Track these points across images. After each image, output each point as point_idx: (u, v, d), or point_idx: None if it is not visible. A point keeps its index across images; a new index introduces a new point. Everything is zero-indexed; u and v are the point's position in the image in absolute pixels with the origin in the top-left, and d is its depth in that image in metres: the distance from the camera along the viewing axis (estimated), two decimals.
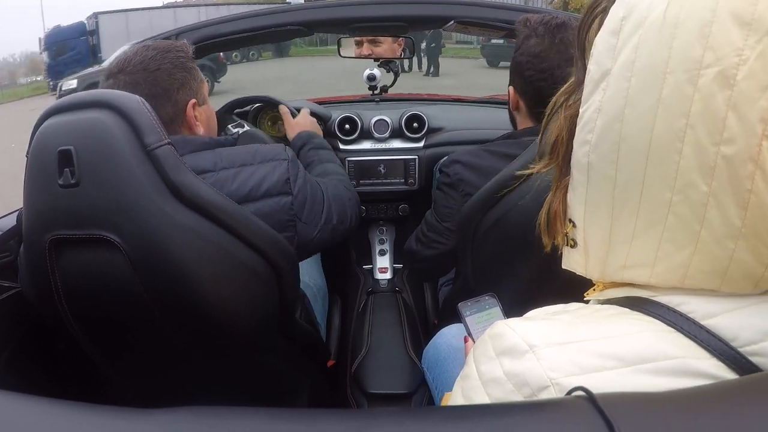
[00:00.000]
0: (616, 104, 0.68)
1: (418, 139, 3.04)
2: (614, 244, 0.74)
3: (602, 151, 0.70)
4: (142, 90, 1.42)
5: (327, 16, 2.53)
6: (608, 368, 0.64)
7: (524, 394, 0.66)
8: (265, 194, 1.46)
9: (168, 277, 1.26)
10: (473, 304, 1.44)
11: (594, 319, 0.74)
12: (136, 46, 1.51)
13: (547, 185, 1.57)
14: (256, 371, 1.65)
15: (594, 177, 0.73)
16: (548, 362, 0.66)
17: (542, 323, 0.74)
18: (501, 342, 0.73)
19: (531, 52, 1.77)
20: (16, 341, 1.56)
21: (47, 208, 1.25)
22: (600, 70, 0.70)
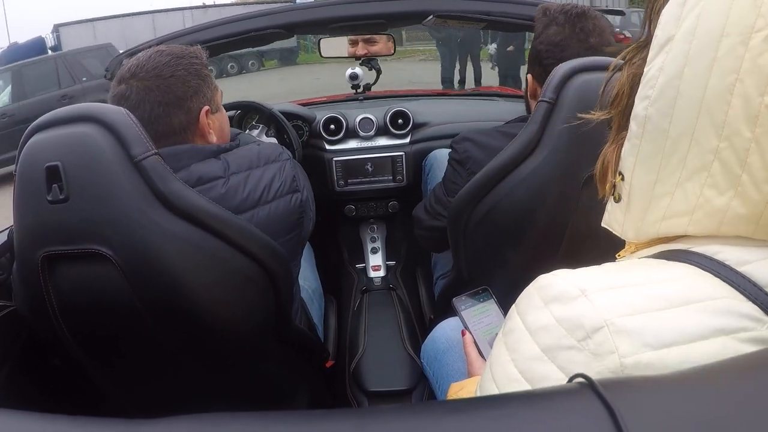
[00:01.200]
0: (677, 64, 0.73)
1: (403, 136, 3.04)
2: (656, 197, 0.78)
3: (660, 105, 0.75)
4: (155, 96, 1.42)
5: (305, 17, 2.53)
6: (658, 308, 0.67)
7: (577, 337, 0.68)
8: (277, 195, 1.47)
9: (162, 287, 1.25)
10: (467, 298, 1.45)
11: (637, 267, 0.77)
12: (149, 50, 1.50)
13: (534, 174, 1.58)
14: (255, 376, 1.65)
15: (649, 129, 0.77)
16: (602, 303, 0.68)
17: (588, 271, 0.77)
18: (549, 290, 0.75)
19: (551, 40, 1.79)
20: (13, 359, 1.55)
21: (37, 224, 1.25)
22: (665, 35, 0.75)
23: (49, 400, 1.61)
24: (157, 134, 1.42)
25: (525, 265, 1.69)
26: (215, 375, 1.55)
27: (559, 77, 1.54)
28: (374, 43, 3.27)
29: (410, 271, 3.32)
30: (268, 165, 1.50)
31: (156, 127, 1.42)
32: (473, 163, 1.84)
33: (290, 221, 1.51)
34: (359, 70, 3.34)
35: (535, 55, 1.82)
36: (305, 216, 1.57)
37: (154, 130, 1.40)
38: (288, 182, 1.50)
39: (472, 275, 1.89)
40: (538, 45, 1.81)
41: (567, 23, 1.78)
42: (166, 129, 1.44)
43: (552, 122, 1.55)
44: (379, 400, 2.30)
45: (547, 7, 1.86)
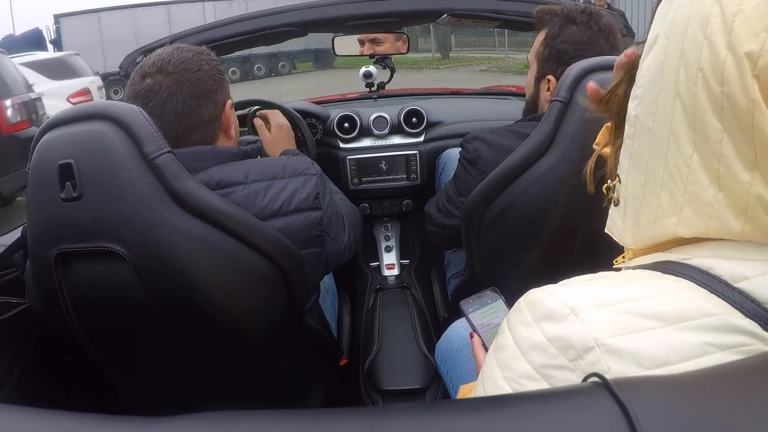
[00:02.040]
0: (659, 60, 0.73)
1: (417, 134, 3.05)
2: (646, 198, 0.78)
3: (646, 103, 0.75)
4: (187, 89, 1.43)
5: (319, 15, 2.53)
6: (650, 328, 0.66)
7: (569, 357, 0.68)
8: (296, 209, 1.46)
9: (175, 285, 1.26)
10: (475, 300, 1.44)
11: (629, 281, 0.76)
12: (167, 47, 1.51)
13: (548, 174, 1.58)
14: (268, 374, 1.65)
15: (638, 128, 0.78)
16: (592, 323, 0.67)
17: (579, 287, 0.76)
18: (539, 307, 0.74)
19: (577, 39, 1.80)
20: (27, 356, 1.56)
21: (51, 222, 1.25)
22: (653, 34, 0.75)
23: (62, 397, 1.61)
24: (189, 126, 1.45)
25: (539, 265, 1.69)
26: (228, 372, 1.55)
27: (573, 77, 1.54)
28: (380, 43, 3.27)
29: (424, 270, 3.31)
30: (293, 177, 1.49)
31: (189, 119, 1.44)
32: (484, 162, 1.84)
33: (307, 236, 1.49)
34: (373, 69, 3.34)
35: (557, 54, 1.82)
36: (326, 237, 1.55)
37: (186, 122, 1.43)
38: (311, 198, 1.49)
39: (486, 275, 1.88)
40: (561, 44, 1.81)
41: (591, 21, 1.79)
42: (197, 121, 1.46)
43: (565, 122, 1.55)
44: (393, 398, 2.29)
45: (551, 9, 1.87)
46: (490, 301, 1.44)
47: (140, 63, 1.48)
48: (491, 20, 2.54)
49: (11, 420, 0.64)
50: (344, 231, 1.68)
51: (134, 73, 1.46)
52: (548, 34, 1.85)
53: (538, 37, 1.92)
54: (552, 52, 1.83)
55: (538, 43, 1.90)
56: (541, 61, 1.87)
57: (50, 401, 1.54)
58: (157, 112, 1.40)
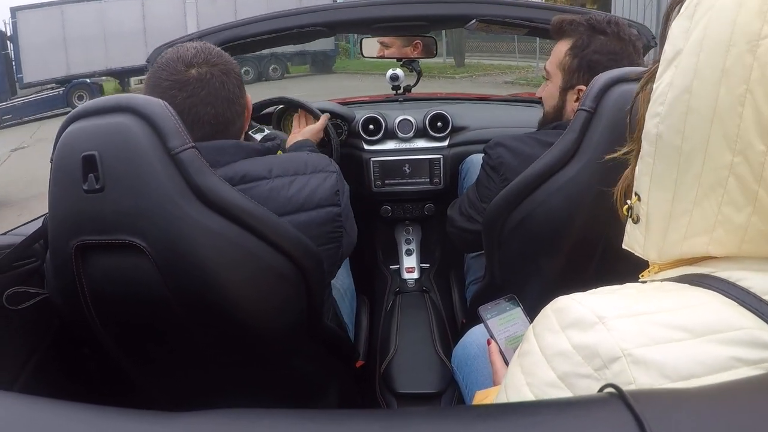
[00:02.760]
0: (686, 78, 0.72)
1: (442, 139, 3.05)
2: (675, 216, 0.77)
3: (671, 121, 0.74)
4: (233, 79, 1.50)
5: (348, 16, 2.54)
6: (678, 339, 0.65)
7: (594, 366, 0.67)
8: (318, 204, 1.48)
9: (194, 280, 1.26)
10: (493, 307, 1.45)
11: (658, 292, 0.75)
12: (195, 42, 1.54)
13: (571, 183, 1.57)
14: (285, 373, 1.65)
15: (661, 147, 0.77)
16: (619, 333, 0.67)
17: (608, 296, 0.75)
18: (566, 315, 0.73)
19: (608, 50, 1.81)
20: (45, 346, 1.57)
21: (72, 213, 1.26)
22: (674, 49, 0.75)
23: (78, 389, 1.62)
24: (236, 113, 1.51)
25: (559, 275, 1.69)
26: (245, 369, 1.56)
27: (599, 87, 1.54)
28: (387, 46, 3.26)
29: (444, 275, 3.31)
30: (315, 174, 1.51)
31: (236, 107, 1.50)
32: (506, 169, 1.84)
33: (326, 232, 1.51)
34: (400, 72, 3.35)
35: (588, 65, 1.82)
36: (344, 232, 1.57)
37: (235, 109, 1.50)
38: (331, 194, 1.51)
39: (505, 282, 1.88)
40: (592, 55, 1.82)
41: (620, 31, 1.81)
42: (241, 108, 1.53)
43: (591, 131, 1.54)
44: (408, 401, 2.30)
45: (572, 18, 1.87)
46: (508, 308, 1.44)
47: (168, 54, 1.49)
48: (520, 27, 2.54)
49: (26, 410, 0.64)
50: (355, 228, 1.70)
51: (168, 62, 1.46)
52: (575, 44, 1.85)
53: (558, 48, 1.92)
54: (583, 62, 1.83)
55: (561, 53, 1.90)
56: (569, 71, 1.87)
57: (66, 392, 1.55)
58: (210, 100, 1.44)
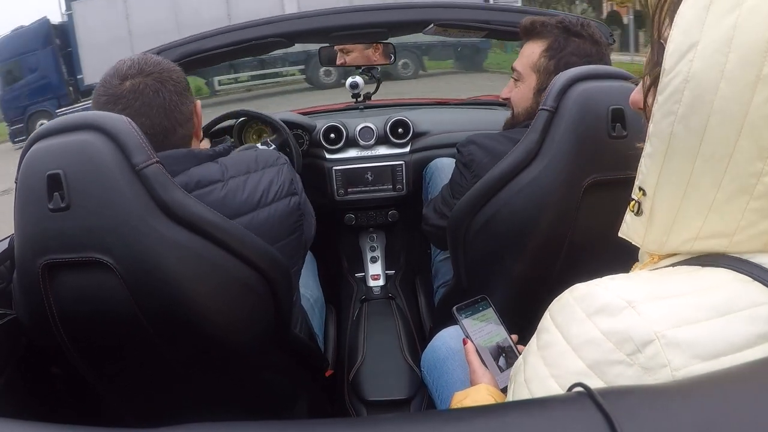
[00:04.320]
0: (710, 77, 0.70)
1: (403, 145, 3.06)
2: (684, 217, 0.77)
3: (690, 122, 0.72)
4: (171, 87, 1.47)
5: (307, 26, 2.53)
6: (705, 319, 0.66)
7: (626, 351, 0.67)
8: (275, 198, 1.48)
9: (163, 295, 1.25)
10: (467, 307, 1.46)
11: (675, 276, 0.76)
12: (133, 56, 1.53)
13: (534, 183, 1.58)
14: (255, 385, 1.65)
15: (676, 147, 0.75)
16: (650, 316, 0.67)
17: (630, 281, 0.75)
18: (592, 302, 0.73)
19: (584, 52, 1.83)
20: (12, 367, 1.55)
21: (38, 232, 1.24)
22: (688, 40, 0.72)
23: (48, 409, 1.60)
24: (176, 121, 1.48)
25: (525, 275, 1.69)
26: (215, 383, 1.55)
27: (560, 86, 1.55)
28: (348, 52, 3.26)
29: (409, 281, 3.32)
30: (266, 169, 1.51)
31: (175, 115, 1.47)
32: (477, 166, 1.85)
33: (289, 223, 1.52)
34: (359, 79, 3.35)
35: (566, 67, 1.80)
36: (304, 219, 1.58)
37: (173, 117, 1.47)
38: (286, 185, 1.52)
39: (472, 284, 1.89)
40: (569, 57, 1.83)
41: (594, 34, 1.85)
42: (182, 117, 1.50)
43: (552, 131, 1.55)
44: (377, 409, 2.29)
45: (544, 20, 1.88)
46: (481, 308, 1.46)
47: (108, 70, 1.49)
48: (478, 30, 2.55)
49: None
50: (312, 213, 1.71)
51: (106, 78, 1.47)
52: (551, 45, 1.86)
53: (531, 48, 1.93)
54: (560, 63, 1.84)
55: (535, 54, 1.90)
56: (545, 72, 1.88)
57: (35, 412, 1.53)
58: (145, 110, 1.42)
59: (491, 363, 1.35)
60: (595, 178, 1.48)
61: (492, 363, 1.35)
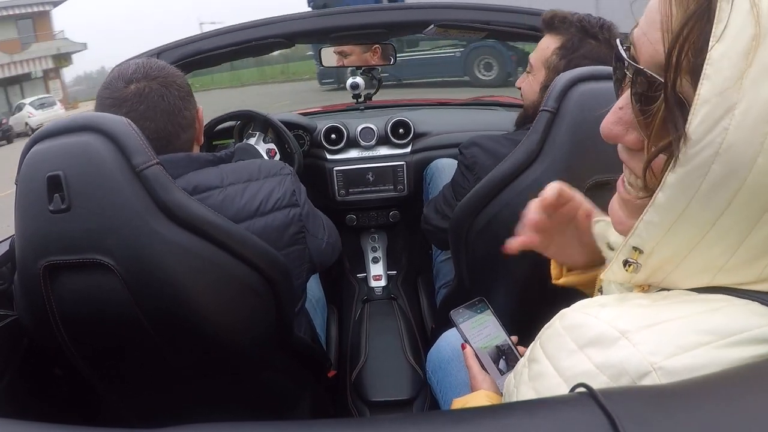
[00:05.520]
0: (747, 151, 0.58)
1: (404, 145, 3.06)
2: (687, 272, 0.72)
3: (714, 198, 0.63)
4: (174, 91, 1.48)
5: (307, 27, 2.53)
6: (705, 344, 0.62)
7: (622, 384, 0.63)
8: (274, 207, 1.48)
9: (163, 296, 1.25)
10: (465, 310, 1.44)
11: (670, 300, 0.71)
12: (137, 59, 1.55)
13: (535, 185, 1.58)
14: (257, 386, 1.64)
15: (688, 218, 0.66)
16: (645, 346, 0.63)
17: (620, 308, 0.71)
18: (583, 332, 0.69)
19: (596, 56, 1.81)
20: (14, 368, 1.55)
21: (39, 234, 1.24)
22: (724, 102, 0.58)
23: (50, 409, 1.60)
24: (179, 126, 1.48)
25: (527, 276, 1.69)
26: (216, 383, 1.55)
27: (561, 87, 1.55)
28: (347, 55, 3.26)
29: (411, 281, 3.32)
30: (268, 178, 1.51)
31: (178, 119, 1.47)
32: (480, 168, 1.85)
33: (288, 235, 1.51)
34: (360, 80, 3.35)
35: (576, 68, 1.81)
36: (307, 233, 1.57)
37: (177, 122, 1.47)
38: (287, 196, 1.51)
39: (474, 285, 1.89)
40: (581, 60, 1.81)
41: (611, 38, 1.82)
42: (186, 122, 1.50)
43: (554, 132, 1.55)
44: (380, 409, 2.29)
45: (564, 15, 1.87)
46: (479, 311, 1.45)
47: (112, 73, 1.49)
48: (479, 31, 2.55)
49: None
50: (323, 229, 1.70)
51: (111, 80, 1.47)
52: (565, 44, 1.85)
53: (546, 42, 1.92)
54: (570, 65, 1.82)
55: (548, 50, 1.89)
56: (554, 70, 1.86)
57: (37, 413, 1.53)
58: (149, 114, 1.42)
59: (491, 366, 1.34)
60: (597, 179, 1.47)
61: (492, 366, 1.34)
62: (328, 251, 1.72)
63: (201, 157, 1.50)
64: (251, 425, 0.61)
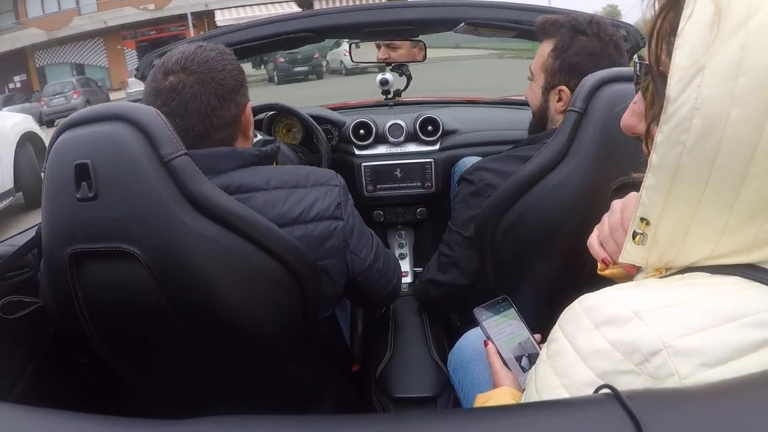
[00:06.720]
0: (721, 104, 0.67)
1: (433, 142, 3.05)
2: (693, 241, 0.76)
3: (700, 152, 0.70)
4: (212, 88, 1.42)
5: (337, 21, 2.54)
6: (716, 325, 0.66)
7: (635, 361, 0.67)
8: (316, 218, 1.45)
9: (189, 287, 1.26)
10: (488, 309, 1.45)
11: (684, 283, 0.75)
12: (189, 45, 1.49)
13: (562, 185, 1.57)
14: (281, 379, 1.65)
15: (683, 177, 0.72)
16: (657, 326, 0.67)
17: (636, 290, 0.75)
18: (600, 312, 0.73)
19: (588, 51, 1.81)
20: (40, 356, 1.57)
21: (66, 222, 1.25)
22: (695, 64, 0.68)
23: (75, 397, 1.62)
24: (211, 126, 1.43)
25: (552, 277, 1.69)
26: (241, 376, 1.56)
27: (589, 87, 1.54)
28: (396, 48, 3.26)
29: None
30: (315, 187, 1.49)
31: (211, 119, 1.43)
32: (494, 190, 1.83)
33: (327, 247, 1.48)
34: (390, 76, 3.35)
35: (570, 67, 1.82)
36: (347, 249, 1.54)
37: (209, 122, 1.42)
38: (331, 208, 1.48)
39: (500, 284, 1.88)
40: (573, 57, 1.82)
41: (600, 32, 1.81)
42: (219, 121, 1.45)
43: (581, 132, 1.55)
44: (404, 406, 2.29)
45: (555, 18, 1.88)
46: (502, 309, 1.45)
47: (163, 60, 1.47)
48: (509, 30, 2.54)
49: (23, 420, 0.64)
50: (371, 250, 1.65)
51: (156, 69, 1.45)
52: (557, 45, 1.86)
53: (542, 48, 1.93)
54: (564, 63, 1.84)
55: (544, 54, 1.91)
56: (551, 72, 1.88)
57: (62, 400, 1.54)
58: (180, 112, 1.40)
59: (513, 364, 1.34)
60: (623, 180, 1.47)
61: (514, 364, 1.34)
62: (373, 274, 1.67)
63: (246, 152, 1.48)
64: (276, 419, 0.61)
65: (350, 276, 1.59)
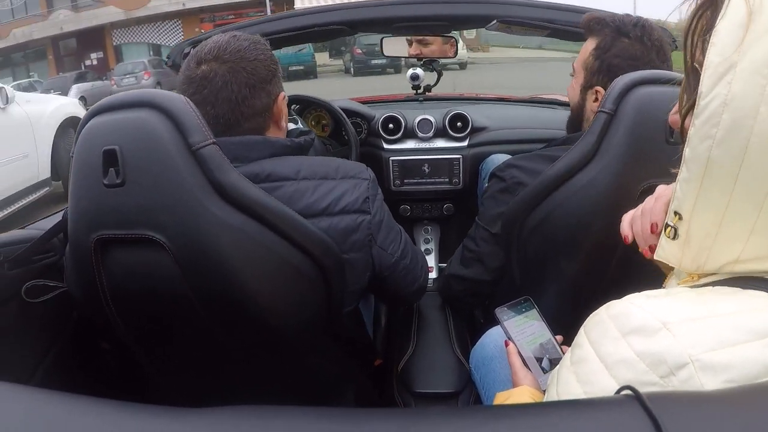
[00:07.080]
0: (749, 100, 0.68)
1: (461, 139, 3.05)
2: (724, 240, 0.75)
3: (729, 146, 0.71)
4: (242, 78, 1.43)
5: (369, 15, 2.54)
6: (746, 341, 0.65)
7: (660, 374, 0.66)
8: (343, 210, 1.45)
9: (214, 276, 1.26)
10: (510, 308, 1.44)
11: (715, 296, 0.75)
12: (223, 34, 1.50)
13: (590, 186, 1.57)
14: (303, 370, 1.65)
15: (714, 172, 0.73)
16: (686, 338, 0.66)
17: (666, 300, 0.74)
18: (627, 321, 0.72)
19: (629, 54, 1.79)
20: (63, 340, 1.58)
21: (93, 207, 1.26)
22: (726, 61, 0.70)
23: (97, 383, 1.63)
24: (242, 115, 1.44)
25: (577, 278, 1.68)
26: (263, 366, 1.56)
27: (620, 89, 1.54)
28: (427, 44, 3.26)
29: None
30: (345, 179, 1.48)
31: (241, 109, 1.43)
32: (523, 188, 1.83)
33: (353, 241, 1.47)
34: (420, 71, 3.35)
35: (608, 68, 1.81)
36: (373, 243, 1.53)
37: (239, 111, 1.43)
38: (359, 201, 1.48)
39: (525, 282, 1.88)
40: (613, 58, 1.80)
41: (644, 36, 1.78)
42: (251, 111, 1.45)
43: (610, 133, 1.54)
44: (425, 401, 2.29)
45: (601, 17, 1.86)
46: (524, 309, 1.44)
47: (197, 48, 1.48)
48: (542, 29, 2.53)
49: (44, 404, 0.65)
50: (398, 245, 1.65)
51: (190, 57, 1.47)
52: (599, 45, 1.84)
53: (586, 46, 1.91)
54: (603, 64, 1.82)
55: (586, 52, 1.89)
56: (590, 71, 1.86)
57: (84, 385, 1.56)
58: (211, 100, 1.41)
59: (534, 364, 1.33)
60: (651, 183, 1.45)
61: (535, 364, 1.33)
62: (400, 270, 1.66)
63: (278, 141, 1.48)
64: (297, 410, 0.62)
65: (376, 271, 1.58)
